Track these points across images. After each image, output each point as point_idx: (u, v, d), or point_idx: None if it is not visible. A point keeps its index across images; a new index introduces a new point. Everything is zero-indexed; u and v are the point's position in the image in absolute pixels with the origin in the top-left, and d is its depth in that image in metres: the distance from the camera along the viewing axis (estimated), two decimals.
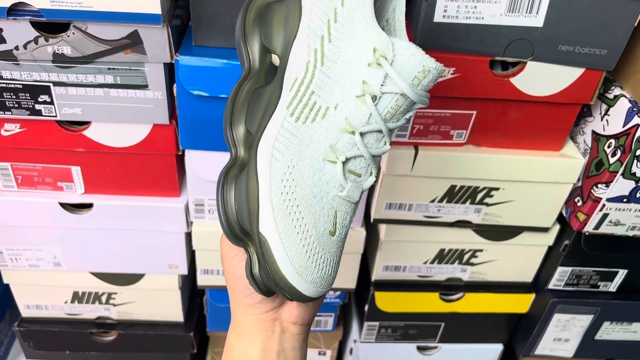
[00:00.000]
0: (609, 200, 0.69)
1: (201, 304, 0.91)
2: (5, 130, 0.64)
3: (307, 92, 0.41)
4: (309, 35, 0.42)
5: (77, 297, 0.83)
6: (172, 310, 0.85)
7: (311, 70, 0.42)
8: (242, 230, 0.42)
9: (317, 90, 0.41)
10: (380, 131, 0.40)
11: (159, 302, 0.84)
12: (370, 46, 0.39)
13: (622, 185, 0.67)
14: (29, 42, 0.56)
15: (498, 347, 0.95)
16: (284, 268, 0.40)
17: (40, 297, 0.83)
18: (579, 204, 0.73)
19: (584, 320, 0.86)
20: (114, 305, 0.84)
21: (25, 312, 0.85)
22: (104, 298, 0.83)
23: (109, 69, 0.59)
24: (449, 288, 0.86)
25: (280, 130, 0.41)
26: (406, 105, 0.40)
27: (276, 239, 0.40)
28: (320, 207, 0.41)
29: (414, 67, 0.38)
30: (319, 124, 0.41)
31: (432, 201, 0.74)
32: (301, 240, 0.40)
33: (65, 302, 0.84)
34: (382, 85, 0.39)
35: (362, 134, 0.40)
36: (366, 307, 0.86)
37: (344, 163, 0.40)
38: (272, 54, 0.45)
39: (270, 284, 0.41)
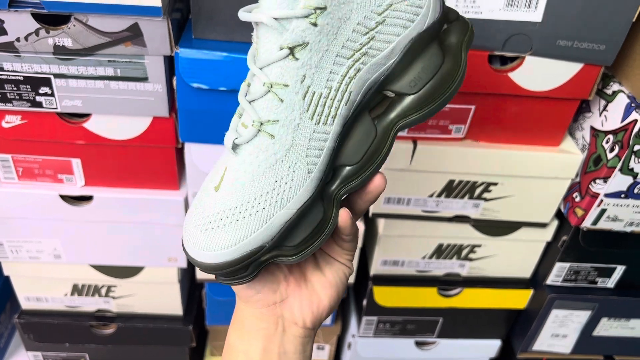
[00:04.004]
0: (607, 195, 0.69)
1: (200, 298, 0.92)
2: (6, 122, 0.65)
3: None
4: None
5: (76, 290, 0.84)
6: (171, 303, 0.86)
7: None
8: None
9: None
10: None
11: (158, 295, 0.85)
12: None
13: (620, 181, 0.67)
14: (30, 34, 0.56)
15: (496, 343, 0.96)
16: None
17: (40, 290, 0.84)
18: (577, 199, 0.73)
19: (582, 316, 0.86)
20: (114, 298, 0.85)
21: (25, 305, 0.86)
22: (103, 291, 0.84)
23: (109, 61, 0.59)
24: (447, 283, 0.86)
25: None
26: None
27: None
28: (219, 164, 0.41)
29: None
30: None
31: (431, 196, 0.74)
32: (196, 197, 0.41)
33: (65, 295, 0.84)
34: None
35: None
36: (364, 302, 0.86)
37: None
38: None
39: None
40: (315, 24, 0.36)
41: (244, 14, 0.37)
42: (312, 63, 0.37)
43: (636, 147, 0.63)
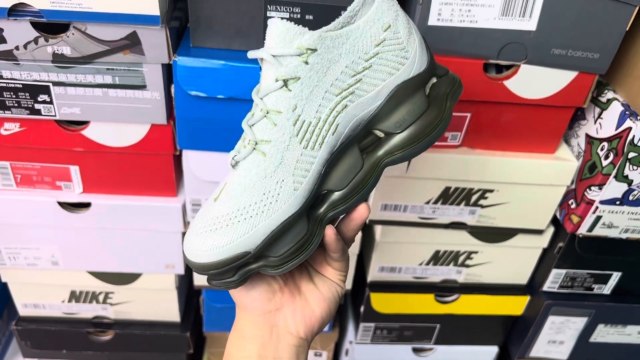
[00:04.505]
0: (602, 202, 0.69)
1: (198, 304, 0.92)
2: (5, 130, 0.65)
3: None
4: None
5: (74, 297, 0.84)
6: (168, 310, 0.86)
7: None
8: None
9: None
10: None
11: (155, 301, 0.85)
12: None
13: (614, 188, 0.68)
14: (29, 42, 0.57)
15: (493, 349, 0.96)
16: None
17: (37, 296, 0.84)
18: (573, 206, 0.73)
19: (578, 323, 0.86)
20: (111, 304, 0.85)
21: (22, 311, 0.86)
22: (101, 297, 0.84)
23: (107, 69, 0.60)
24: (444, 289, 0.86)
25: None
26: None
27: None
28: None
29: None
30: None
31: (427, 203, 0.75)
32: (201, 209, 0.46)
33: (63, 301, 0.84)
34: None
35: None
36: (362, 308, 0.86)
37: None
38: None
39: None
40: (306, 62, 0.42)
41: (252, 53, 0.43)
42: (303, 95, 0.42)
43: (630, 155, 0.64)
